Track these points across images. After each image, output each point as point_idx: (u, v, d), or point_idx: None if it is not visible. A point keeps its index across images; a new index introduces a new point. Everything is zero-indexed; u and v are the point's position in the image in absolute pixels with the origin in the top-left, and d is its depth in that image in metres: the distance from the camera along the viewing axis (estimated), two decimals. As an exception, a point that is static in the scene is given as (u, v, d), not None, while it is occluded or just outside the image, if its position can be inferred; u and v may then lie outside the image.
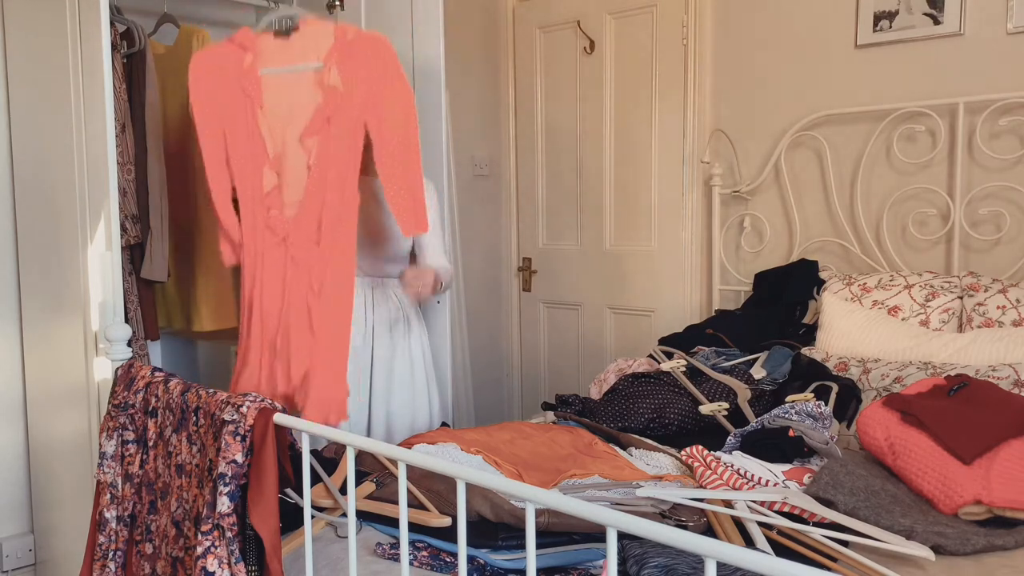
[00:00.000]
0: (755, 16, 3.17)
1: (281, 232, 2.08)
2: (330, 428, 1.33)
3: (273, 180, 2.08)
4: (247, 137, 2.08)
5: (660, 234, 3.45)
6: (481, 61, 3.80)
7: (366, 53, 2.07)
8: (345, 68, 2.06)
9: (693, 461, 1.82)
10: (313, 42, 2.10)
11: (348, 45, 2.07)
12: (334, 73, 2.06)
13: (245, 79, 2.08)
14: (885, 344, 2.46)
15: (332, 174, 2.06)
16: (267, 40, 2.11)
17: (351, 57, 2.06)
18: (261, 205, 2.08)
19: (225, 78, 2.09)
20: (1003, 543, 1.51)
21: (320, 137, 2.06)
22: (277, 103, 2.09)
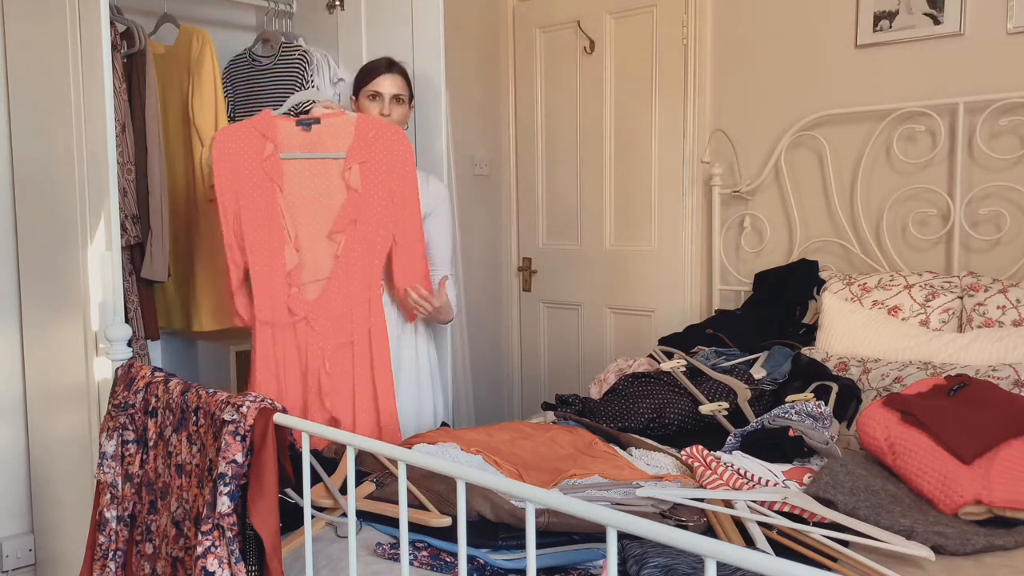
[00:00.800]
0: (755, 16, 3.17)
1: (302, 312, 2.18)
2: (330, 428, 1.33)
3: (294, 259, 2.17)
4: (267, 218, 2.16)
5: (660, 234, 3.45)
6: (481, 61, 3.80)
7: (386, 151, 2.20)
8: (367, 169, 2.18)
9: (693, 461, 1.82)
10: (334, 135, 2.20)
11: (369, 143, 2.19)
12: (356, 173, 2.17)
13: (267, 163, 2.17)
14: (885, 344, 2.46)
15: (358, 269, 2.18)
16: (289, 127, 2.19)
17: (372, 157, 2.19)
18: (283, 283, 2.17)
19: (246, 161, 2.17)
20: (1003, 543, 1.51)
21: (347, 235, 2.18)
22: (298, 187, 2.19)
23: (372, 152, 2.19)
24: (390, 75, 2.38)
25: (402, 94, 2.39)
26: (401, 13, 2.72)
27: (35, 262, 2.55)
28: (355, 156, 2.19)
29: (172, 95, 2.78)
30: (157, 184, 2.59)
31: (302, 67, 2.87)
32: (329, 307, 2.18)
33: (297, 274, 2.18)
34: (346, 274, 2.18)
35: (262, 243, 2.17)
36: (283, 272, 2.17)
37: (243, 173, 2.16)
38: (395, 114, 2.37)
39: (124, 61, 2.53)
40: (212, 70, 2.71)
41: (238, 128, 2.18)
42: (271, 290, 2.16)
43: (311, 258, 2.19)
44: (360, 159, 2.18)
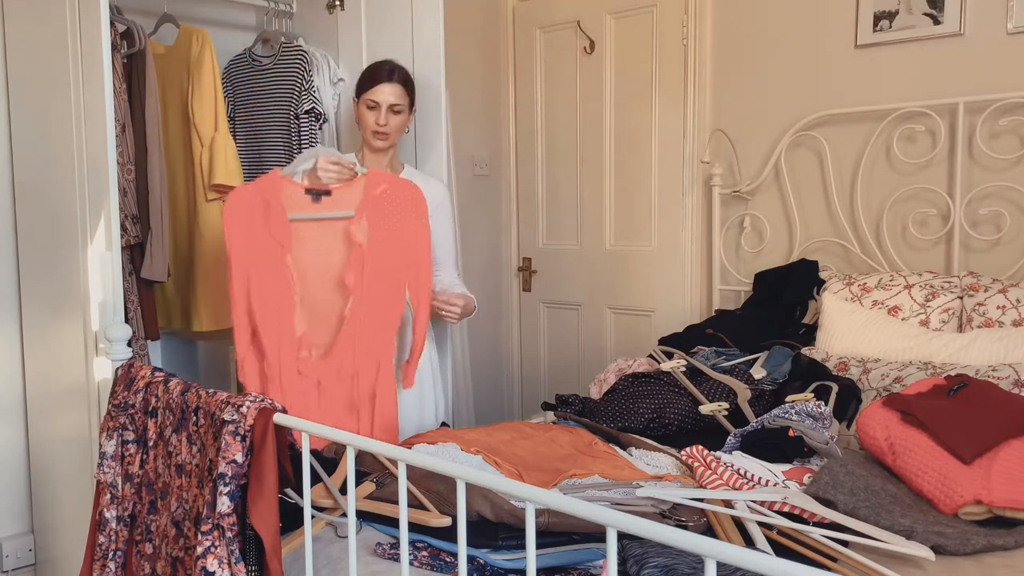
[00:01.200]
0: (755, 16, 3.17)
1: (313, 376, 2.15)
2: (330, 428, 1.33)
3: (304, 324, 2.15)
4: (276, 281, 2.13)
5: (660, 234, 3.45)
6: (481, 61, 3.80)
7: (396, 206, 2.15)
8: (374, 223, 2.13)
9: (693, 461, 1.82)
10: (345, 198, 2.16)
11: (377, 199, 2.15)
12: (363, 227, 2.12)
13: (274, 226, 2.13)
14: (885, 344, 2.46)
15: (367, 330, 2.14)
16: (298, 192, 2.16)
17: (381, 211, 2.14)
18: (291, 347, 2.14)
19: (254, 223, 2.14)
20: (1003, 543, 1.51)
21: (354, 295, 2.13)
22: (306, 249, 2.15)
23: (381, 207, 2.14)
24: (390, 84, 2.35)
25: (400, 104, 2.36)
26: (401, 13, 2.72)
27: (35, 262, 2.55)
28: (363, 211, 2.15)
29: (172, 95, 2.78)
30: (157, 184, 2.59)
31: (302, 67, 2.87)
32: (339, 367, 2.14)
33: (307, 339, 2.16)
34: (354, 335, 2.13)
35: (272, 307, 2.13)
36: (292, 337, 2.14)
37: (252, 238, 2.14)
38: (392, 123, 2.36)
39: (124, 61, 2.53)
40: (212, 70, 2.71)
41: (247, 190, 2.16)
42: (280, 355, 2.13)
43: (321, 322, 2.17)
44: (368, 213, 2.14)
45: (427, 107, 2.67)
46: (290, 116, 2.89)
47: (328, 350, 2.16)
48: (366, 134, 2.39)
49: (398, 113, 2.37)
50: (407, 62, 2.57)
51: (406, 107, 2.40)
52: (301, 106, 2.86)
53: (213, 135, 2.72)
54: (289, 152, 2.91)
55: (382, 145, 2.39)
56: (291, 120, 2.89)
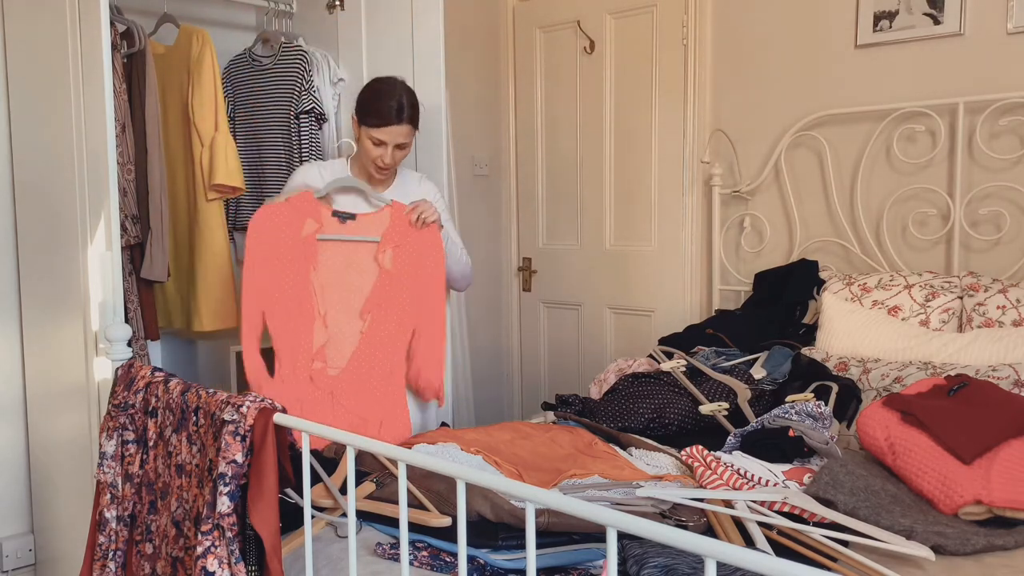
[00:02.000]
0: (755, 16, 3.17)
1: (326, 388, 2.20)
2: (330, 428, 1.33)
3: (323, 337, 2.21)
4: (298, 294, 2.20)
5: (660, 234, 3.45)
6: (481, 61, 3.80)
7: (419, 239, 2.25)
8: (400, 253, 2.24)
9: (693, 461, 1.82)
10: (371, 225, 2.24)
11: (404, 230, 2.24)
12: (389, 256, 2.22)
13: (305, 243, 2.21)
14: (885, 344, 2.46)
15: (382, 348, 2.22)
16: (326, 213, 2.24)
17: (407, 243, 2.24)
18: (306, 358, 2.20)
19: (282, 237, 2.20)
20: (1003, 543, 1.51)
21: (373, 315, 2.22)
22: (330, 267, 2.23)
23: (407, 238, 2.24)
24: (398, 127, 2.23)
25: (407, 141, 2.27)
26: (401, 13, 2.72)
27: (35, 262, 2.55)
28: (390, 240, 2.23)
29: (172, 95, 2.78)
30: (157, 184, 2.59)
31: (302, 67, 2.87)
32: (353, 383, 2.21)
33: (323, 351, 2.21)
34: (370, 352, 2.21)
35: (291, 319, 2.18)
36: (309, 349, 2.20)
37: (279, 250, 2.19)
38: (397, 158, 2.29)
39: (124, 61, 2.53)
40: (212, 70, 2.71)
41: (279, 207, 2.21)
42: (294, 366, 2.19)
43: (338, 337, 2.22)
44: (395, 243, 2.23)
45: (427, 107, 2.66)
46: (290, 116, 2.89)
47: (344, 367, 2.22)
48: (368, 165, 2.29)
49: (404, 149, 2.29)
50: (407, 62, 2.56)
51: (411, 141, 2.31)
52: (301, 106, 2.86)
53: (213, 135, 2.72)
54: (289, 152, 2.91)
55: (382, 178, 2.34)
56: (291, 120, 2.89)
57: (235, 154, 2.74)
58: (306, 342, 2.19)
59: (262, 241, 2.18)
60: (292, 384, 2.18)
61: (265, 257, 2.18)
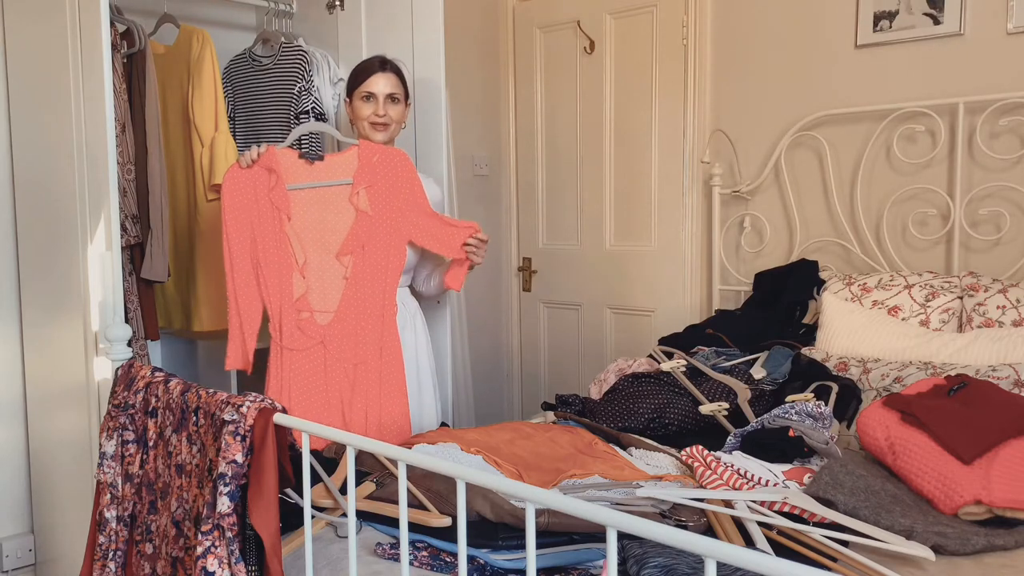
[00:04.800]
0: (755, 16, 3.17)
1: (316, 337, 2.20)
2: (330, 428, 1.33)
3: (303, 287, 2.21)
4: (275, 246, 2.20)
5: (660, 234, 3.45)
6: (481, 61, 3.80)
7: (391, 174, 2.23)
8: (374, 191, 2.22)
9: (693, 461, 1.82)
10: (339, 165, 2.23)
11: (373, 167, 2.22)
12: (363, 196, 2.22)
13: (273, 193, 2.20)
14: (885, 344, 2.46)
15: (369, 288, 2.22)
16: (293, 160, 2.22)
17: (378, 180, 2.23)
18: (291, 309, 2.20)
19: (255, 194, 2.21)
20: (1003, 543, 1.51)
21: (355, 256, 2.21)
22: (305, 215, 2.23)
23: (377, 175, 2.22)
24: (383, 74, 2.33)
25: (397, 93, 2.35)
26: (401, 13, 2.72)
27: (35, 262, 2.55)
28: (361, 180, 2.21)
29: (172, 95, 2.78)
30: (157, 184, 2.59)
31: (302, 67, 2.87)
32: (343, 328, 2.20)
33: (306, 300, 2.21)
34: (356, 295, 2.21)
35: (273, 271, 2.20)
36: (291, 299, 2.20)
37: (252, 205, 2.21)
38: (391, 113, 2.33)
39: (124, 61, 2.53)
40: (212, 70, 2.71)
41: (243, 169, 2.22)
42: (281, 317, 2.19)
43: (320, 284, 2.22)
44: (367, 182, 2.21)
45: (427, 107, 2.67)
46: (290, 116, 2.89)
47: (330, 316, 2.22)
48: (363, 128, 2.35)
49: (396, 103, 2.35)
50: (407, 62, 2.57)
51: (402, 98, 2.37)
52: (301, 106, 2.86)
53: (213, 135, 2.72)
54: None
55: (382, 138, 2.35)
56: (291, 120, 2.89)
57: (235, 154, 2.74)
58: (288, 293, 2.20)
59: (233, 202, 2.19)
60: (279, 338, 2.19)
61: (240, 212, 2.20)
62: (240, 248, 2.21)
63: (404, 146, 2.73)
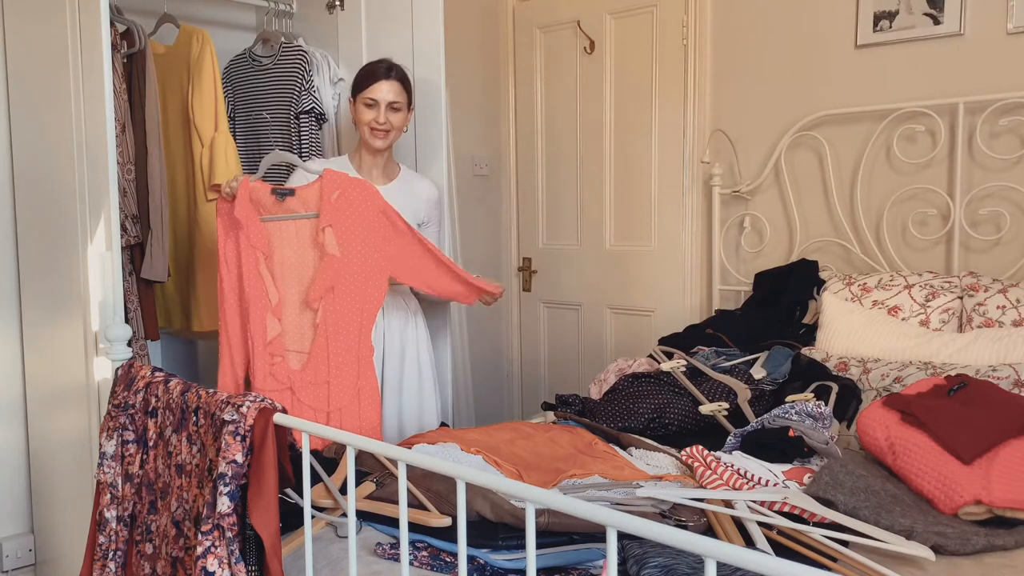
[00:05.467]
0: (755, 17, 3.17)
1: (285, 382, 2.15)
2: (330, 428, 1.33)
3: (276, 328, 2.16)
4: (252, 284, 2.16)
5: (660, 234, 3.45)
6: (481, 61, 3.80)
7: (354, 209, 2.14)
8: (340, 230, 2.13)
9: (693, 461, 1.82)
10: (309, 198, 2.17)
11: (333, 205, 2.13)
12: (330, 236, 2.12)
13: (249, 230, 2.16)
14: (885, 344, 2.46)
15: (341, 333, 2.14)
16: (265, 193, 2.17)
17: (342, 218, 2.13)
18: (264, 351, 2.15)
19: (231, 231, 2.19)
20: (1003, 543, 1.51)
21: (325, 302, 2.14)
22: (282, 251, 2.17)
23: (340, 213, 2.13)
24: (388, 82, 2.32)
25: (399, 101, 2.34)
26: (401, 13, 2.72)
27: (35, 262, 2.55)
28: (325, 218, 2.13)
29: (172, 95, 2.78)
30: (157, 184, 2.59)
31: (302, 67, 2.87)
32: (314, 375, 2.15)
33: (279, 343, 2.16)
34: (327, 342, 2.14)
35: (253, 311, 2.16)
36: (264, 341, 2.15)
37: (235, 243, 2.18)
38: (392, 120, 2.33)
39: (124, 61, 2.53)
40: (212, 70, 2.71)
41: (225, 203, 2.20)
42: (254, 359, 2.16)
43: (295, 325, 2.17)
44: (329, 221, 2.13)
45: (427, 107, 2.67)
46: (290, 116, 2.89)
47: (302, 359, 2.18)
48: (364, 133, 2.35)
49: (397, 111, 2.35)
50: (407, 62, 2.56)
51: (404, 105, 2.37)
52: (301, 106, 2.86)
53: (213, 135, 2.72)
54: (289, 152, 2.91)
55: (381, 144, 2.35)
56: (291, 120, 2.89)
57: (235, 154, 2.74)
58: (260, 332, 2.15)
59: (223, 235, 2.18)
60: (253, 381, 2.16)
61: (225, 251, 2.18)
62: (229, 282, 2.17)
63: (404, 146, 2.73)
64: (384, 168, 2.42)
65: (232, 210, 2.16)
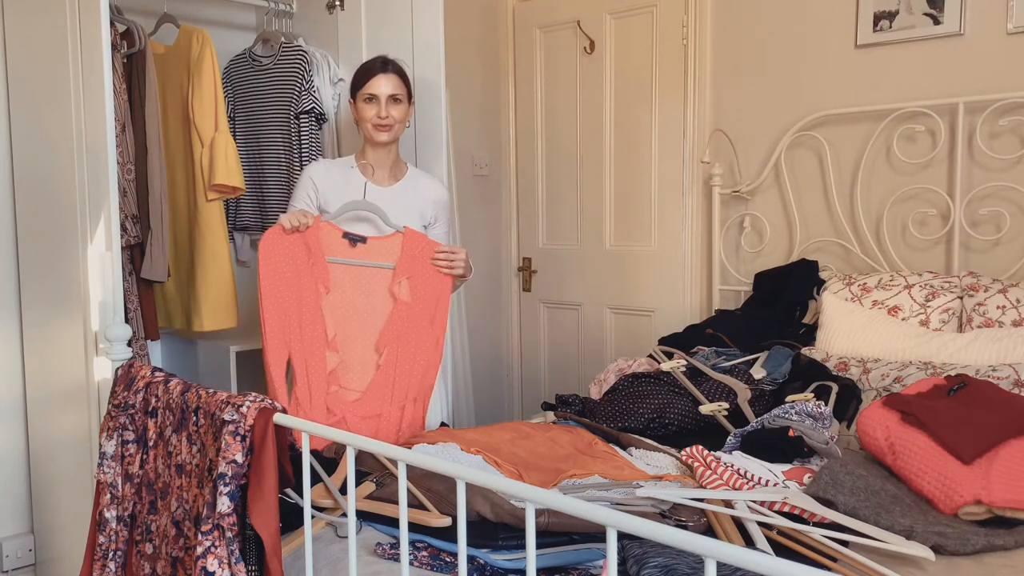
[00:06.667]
0: (755, 16, 3.17)
1: (339, 413, 2.18)
2: (330, 428, 1.33)
3: (335, 360, 2.20)
4: (311, 318, 2.19)
5: (660, 234, 3.45)
6: (481, 61, 3.80)
7: (432, 276, 2.24)
8: (415, 283, 2.24)
9: (693, 461, 1.82)
10: (380, 250, 2.23)
11: (415, 259, 2.23)
12: (405, 287, 2.22)
13: (315, 266, 2.19)
14: (885, 344, 2.46)
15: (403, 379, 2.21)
16: (336, 237, 2.22)
17: (419, 272, 2.24)
18: (322, 382, 2.18)
19: (294, 260, 2.18)
20: (1003, 543, 1.51)
21: (390, 348, 2.21)
22: (342, 290, 2.22)
23: (419, 267, 2.23)
24: (385, 75, 2.30)
25: (399, 94, 2.32)
26: (401, 13, 2.72)
27: (35, 262, 2.55)
28: (404, 270, 2.22)
29: (172, 95, 2.78)
30: (157, 184, 2.59)
31: (302, 67, 2.87)
32: (366, 409, 2.19)
33: (337, 375, 2.20)
34: (387, 384, 2.20)
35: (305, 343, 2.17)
36: (323, 372, 2.18)
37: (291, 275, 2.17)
38: (394, 114, 2.31)
39: (124, 61, 2.53)
40: (212, 70, 2.71)
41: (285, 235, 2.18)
42: (310, 389, 2.17)
43: (351, 362, 2.21)
44: (409, 273, 2.22)
45: (427, 107, 2.67)
46: (290, 116, 2.89)
47: (364, 392, 2.20)
48: (367, 129, 2.33)
49: (398, 103, 2.32)
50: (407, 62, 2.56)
51: (405, 97, 2.35)
52: (301, 106, 2.86)
53: (213, 135, 2.72)
54: (289, 152, 2.91)
55: (385, 138, 2.33)
56: (291, 120, 2.89)
57: (235, 154, 2.74)
58: (320, 366, 2.18)
59: (272, 265, 2.15)
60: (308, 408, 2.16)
61: (275, 280, 2.16)
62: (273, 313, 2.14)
63: (404, 146, 2.73)
64: (391, 168, 2.40)
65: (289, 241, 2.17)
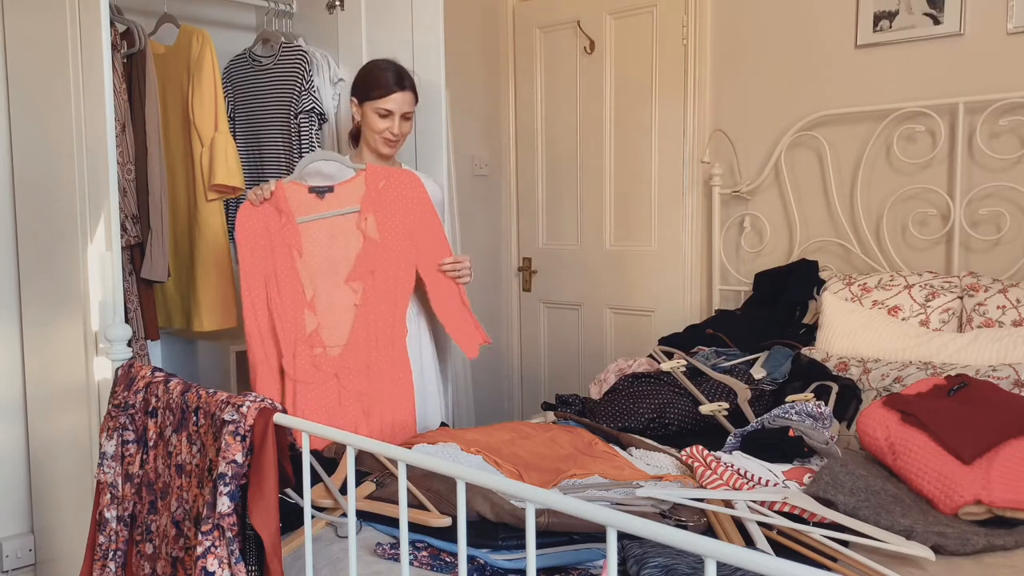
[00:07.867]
0: (755, 17, 3.17)
1: (330, 370, 2.19)
2: (330, 428, 1.33)
3: (314, 322, 2.20)
4: (287, 282, 2.19)
5: (660, 234, 3.45)
6: (481, 61, 3.80)
7: (400, 198, 2.23)
8: (382, 217, 2.21)
9: (693, 461, 1.82)
10: (347, 194, 2.22)
11: (380, 193, 2.21)
12: (372, 223, 2.20)
13: (285, 231, 2.19)
14: (885, 344, 2.46)
15: (380, 314, 2.21)
16: (303, 194, 2.20)
17: (386, 205, 2.22)
18: (305, 345, 2.19)
19: (267, 231, 2.19)
20: (1003, 543, 1.51)
21: (365, 283, 2.20)
22: (315, 248, 2.21)
23: (385, 201, 2.22)
24: (402, 93, 2.32)
25: (411, 111, 2.37)
26: (401, 13, 2.72)
27: (35, 262, 2.55)
28: (368, 207, 2.21)
29: (172, 95, 2.78)
30: (157, 184, 2.59)
31: (302, 67, 2.87)
32: (355, 359, 2.19)
33: (318, 335, 2.20)
34: (367, 322, 2.20)
35: (288, 309, 2.18)
36: (303, 334, 2.18)
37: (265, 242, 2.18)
38: (405, 130, 2.37)
39: (124, 61, 2.53)
40: (212, 70, 2.71)
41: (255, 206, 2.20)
42: (295, 352, 2.17)
43: (330, 318, 2.21)
44: (374, 209, 2.21)
45: (427, 107, 2.67)
46: (290, 116, 2.89)
47: (345, 344, 2.20)
48: (375, 140, 2.34)
49: (408, 120, 2.37)
50: (407, 62, 2.56)
51: (414, 112, 2.40)
52: (301, 106, 2.86)
53: (213, 135, 2.72)
54: (289, 152, 2.91)
55: (392, 152, 2.38)
56: (291, 120, 2.89)
57: (235, 154, 2.74)
58: (300, 330, 2.18)
59: (247, 242, 2.17)
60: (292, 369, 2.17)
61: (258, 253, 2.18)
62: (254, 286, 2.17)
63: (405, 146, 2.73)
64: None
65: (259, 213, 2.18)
